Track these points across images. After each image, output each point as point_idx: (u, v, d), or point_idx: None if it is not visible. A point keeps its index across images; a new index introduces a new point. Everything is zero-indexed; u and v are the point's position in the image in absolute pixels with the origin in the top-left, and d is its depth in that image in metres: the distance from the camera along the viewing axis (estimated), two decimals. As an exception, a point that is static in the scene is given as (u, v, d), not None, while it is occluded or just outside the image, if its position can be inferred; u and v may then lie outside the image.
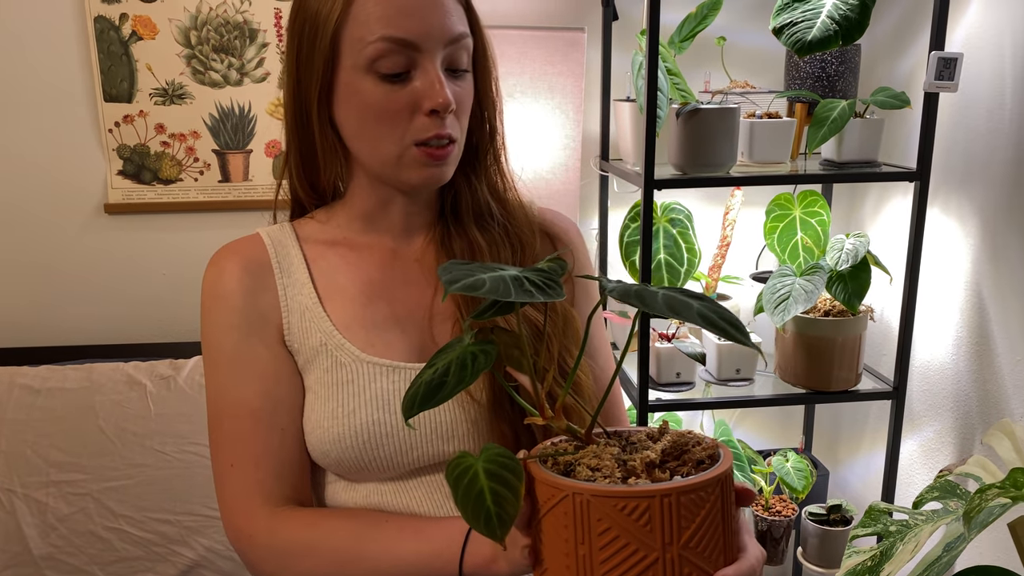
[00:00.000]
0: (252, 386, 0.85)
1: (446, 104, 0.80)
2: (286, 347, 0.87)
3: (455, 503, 0.57)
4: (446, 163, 0.84)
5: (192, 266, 1.86)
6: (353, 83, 0.81)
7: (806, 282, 1.58)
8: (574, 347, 0.87)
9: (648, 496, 0.56)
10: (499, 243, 0.90)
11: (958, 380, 1.62)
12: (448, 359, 0.60)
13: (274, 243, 0.90)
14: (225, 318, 0.87)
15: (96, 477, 1.47)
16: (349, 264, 0.90)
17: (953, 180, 1.60)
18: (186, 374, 1.56)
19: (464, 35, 0.83)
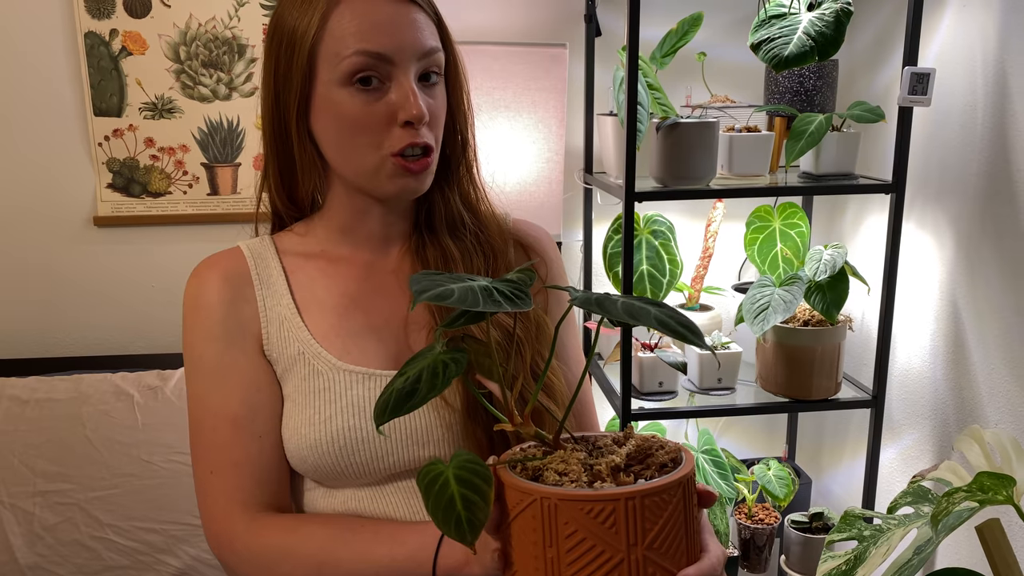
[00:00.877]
0: (232, 394, 0.87)
1: (420, 116, 0.83)
2: (265, 357, 0.89)
3: (426, 510, 0.58)
4: (423, 174, 0.87)
5: (180, 278, 1.86)
6: (330, 96, 0.83)
7: (785, 292, 1.61)
8: (547, 353, 0.89)
9: (613, 499, 0.58)
10: (472, 252, 0.93)
11: (935, 388, 1.64)
12: (419, 367, 0.62)
13: (254, 256, 0.93)
14: (206, 329, 0.89)
15: (83, 487, 1.48)
16: (327, 276, 0.93)
17: (928, 192, 1.64)
18: (173, 384, 1.57)
19: (436, 49, 0.86)
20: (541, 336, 0.90)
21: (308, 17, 0.82)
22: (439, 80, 0.88)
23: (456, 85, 0.92)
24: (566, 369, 0.96)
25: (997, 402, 1.48)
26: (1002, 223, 1.45)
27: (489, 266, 0.93)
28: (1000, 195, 1.45)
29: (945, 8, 1.57)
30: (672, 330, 0.58)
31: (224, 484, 0.86)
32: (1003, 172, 1.45)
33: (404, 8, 0.84)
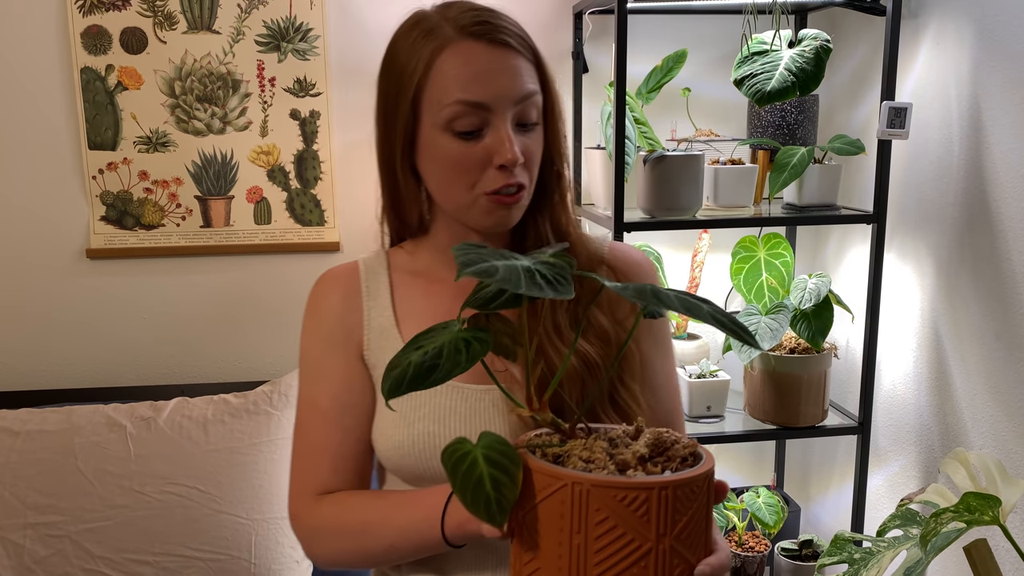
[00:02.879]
0: (325, 390, 0.97)
1: (514, 160, 0.88)
2: (364, 361, 0.98)
3: (453, 488, 0.59)
4: (515, 207, 0.92)
5: (172, 310, 1.89)
6: (432, 139, 0.90)
7: (771, 320, 1.64)
8: (632, 382, 0.92)
9: (647, 488, 0.59)
10: None
11: (920, 414, 1.67)
12: (439, 342, 0.61)
13: (367, 270, 1.02)
14: (314, 331, 1.01)
15: (74, 519, 1.47)
16: (426, 294, 1.00)
17: (908, 223, 1.68)
18: (166, 415, 1.58)
19: (533, 93, 0.91)
20: (626, 363, 0.92)
21: (415, 60, 0.89)
22: (537, 120, 0.92)
23: (553, 124, 0.96)
24: (650, 396, 0.97)
25: (980, 426, 1.51)
26: (980, 251, 1.49)
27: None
28: (978, 225, 1.50)
29: (920, 45, 1.63)
30: (726, 327, 0.60)
31: (304, 466, 0.96)
32: (980, 203, 1.49)
33: (503, 55, 0.88)
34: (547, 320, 0.93)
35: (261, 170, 1.87)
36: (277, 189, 1.88)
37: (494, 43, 0.88)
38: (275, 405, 1.60)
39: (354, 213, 1.91)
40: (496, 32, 0.88)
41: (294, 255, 1.92)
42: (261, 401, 1.60)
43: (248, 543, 1.48)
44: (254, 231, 1.89)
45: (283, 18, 1.82)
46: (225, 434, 1.55)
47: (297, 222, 1.90)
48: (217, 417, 1.57)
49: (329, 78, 1.85)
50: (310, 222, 1.91)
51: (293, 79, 1.84)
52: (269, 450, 1.56)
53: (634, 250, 1.05)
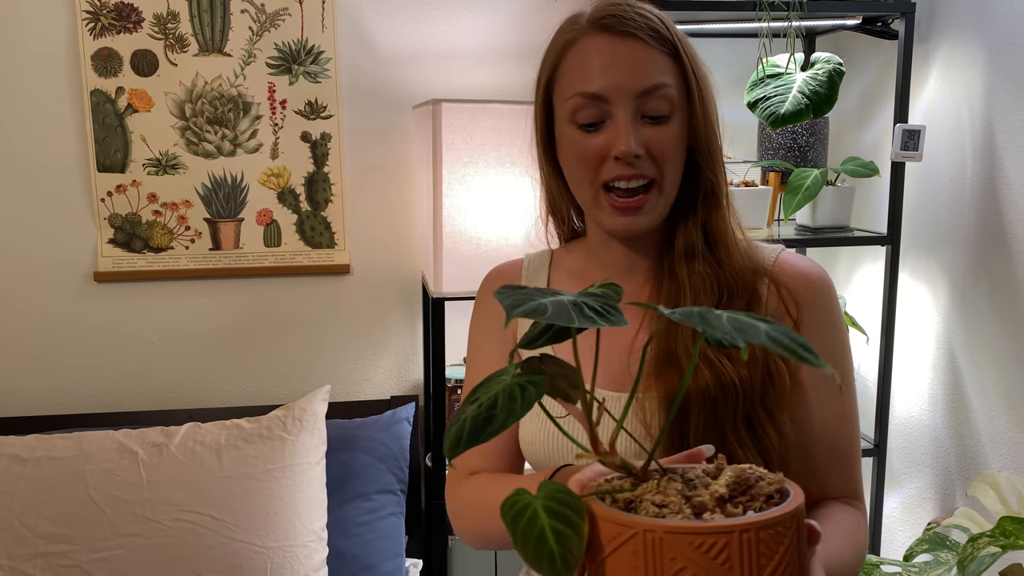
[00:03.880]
0: (477, 376, 0.99)
1: (627, 152, 0.85)
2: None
3: (514, 544, 0.55)
4: (639, 212, 0.88)
5: (181, 334, 1.86)
6: (562, 132, 0.91)
7: (788, 342, 1.64)
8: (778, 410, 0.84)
9: (727, 532, 0.53)
10: (702, 288, 0.89)
11: (936, 436, 1.67)
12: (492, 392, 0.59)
13: (529, 266, 1.04)
14: (478, 322, 1.05)
15: (86, 548, 1.44)
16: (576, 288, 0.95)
17: (921, 244, 1.69)
18: (179, 441, 1.55)
19: (660, 85, 0.87)
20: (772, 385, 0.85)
21: (550, 55, 0.92)
22: (669, 114, 0.88)
23: (698, 119, 0.90)
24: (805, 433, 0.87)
25: (999, 448, 1.50)
26: (996, 273, 1.50)
27: (721, 305, 0.88)
28: (993, 245, 1.50)
29: (930, 68, 1.65)
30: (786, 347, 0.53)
31: None
32: (995, 224, 1.50)
33: (627, 46, 0.86)
34: (687, 334, 0.87)
35: (271, 192, 1.86)
36: (287, 211, 1.87)
37: (619, 35, 0.87)
38: (289, 430, 1.58)
39: (365, 235, 1.90)
40: (622, 24, 0.87)
41: (304, 278, 1.90)
42: (275, 426, 1.58)
43: (264, 571, 1.45)
44: (264, 254, 1.88)
45: (295, 40, 1.82)
46: (239, 460, 1.53)
47: (307, 244, 1.89)
48: (231, 442, 1.55)
49: (340, 100, 1.85)
50: (320, 244, 1.89)
51: (304, 101, 1.84)
52: (284, 476, 1.53)
53: (807, 261, 0.94)
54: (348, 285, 1.91)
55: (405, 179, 1.90)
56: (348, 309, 1.92)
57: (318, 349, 1.92)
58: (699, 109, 0.90)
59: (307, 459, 1.57)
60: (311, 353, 1.91)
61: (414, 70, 1.86)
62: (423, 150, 1.75)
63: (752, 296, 0.89)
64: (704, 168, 0.91)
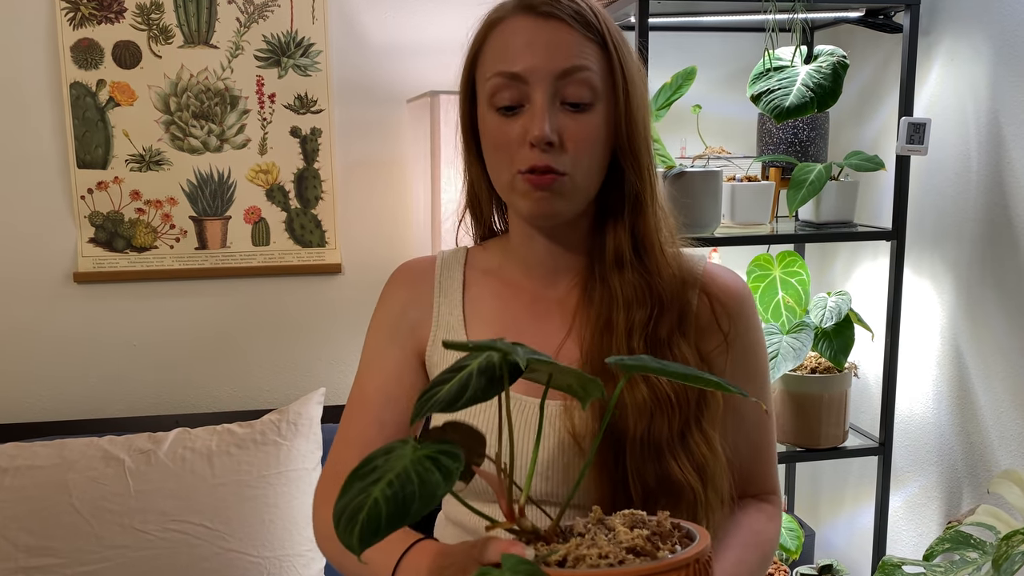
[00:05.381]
0: (372, 380, 0.94)
1: (540, 137, 0.81)
2: (422, 361, 0.96)
3: None
4: (553, 194, 0.84)
5: (167, 336, 1.80)
6: (483, 117, 0.88)
7: (793, 340, 1.61)
8: (710, 428, 0.84)
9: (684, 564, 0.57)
10: (635, 298, 0.86)
11: (941, 434, 1.65)
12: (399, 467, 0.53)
13: (443, 265, 0.98)
14: (379, 319, 0.98)
15: (70, 561, 1.37)
16: (496, 296, 0.95)
17: (925, 239, 1.67)
18: (167, 447, 1.48)
19: (579, 68, 0.83)
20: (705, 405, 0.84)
21: (473, 40, 0.89)
22: (591, 102, 0.84)
23: (621, 114, 0.85)
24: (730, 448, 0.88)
25: (1008, 445, 1.49)
26: (1002, 267, 1.48)
27: (652, 317, 0.86)
28: (1000, 240, 1.49)
29: (932, 61, 1.63)
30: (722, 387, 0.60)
31: (335, 456, 0.93)
32: (1002, 218, 1.48)
33: (549, 27, 0.83)
34: (622, 346, 0.85)
35: (259, 189, 1.80)
36: (276, 209, 1.81)
37: (543, 16, 0.84)
38: (284, 435, 1.52)
39: (356, 234, 1.85)
40: (547, 5, 0.83)
41: (294, 278, 1.84)
42: (269, 431, 1.52)
43: (260, 583, 1.40)
44: (252, 253, 1.82)
45: (284, 32, 1.76)
46: (232, 467, 1.47)
47: (297, 243, 1.83)
48: (222, 448, 1.49)
49: (331, 94, 1.79)
50: (310, 243, 1.84)
51: (294, 95, 1.78)
52: (279, 483, 1.48)
53: (731, 275, 0.94)
54: (340, 285, 1.86)
55: (398, 175, 1.85)
56: (340, 310, 1.86)
57: (311, 351, 1.86)
58: (623, 103, 0.85)
59: (303, 465, 1.51)
60: (303, 355, 1.85)
61: (407, 63, 1.81)
62: (418, 145, 1.70)
63: (684, 307, 0.88)
64: (628, 171, 0.87)
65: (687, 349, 0.86)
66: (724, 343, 0.89)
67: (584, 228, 0.91)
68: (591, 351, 0.87)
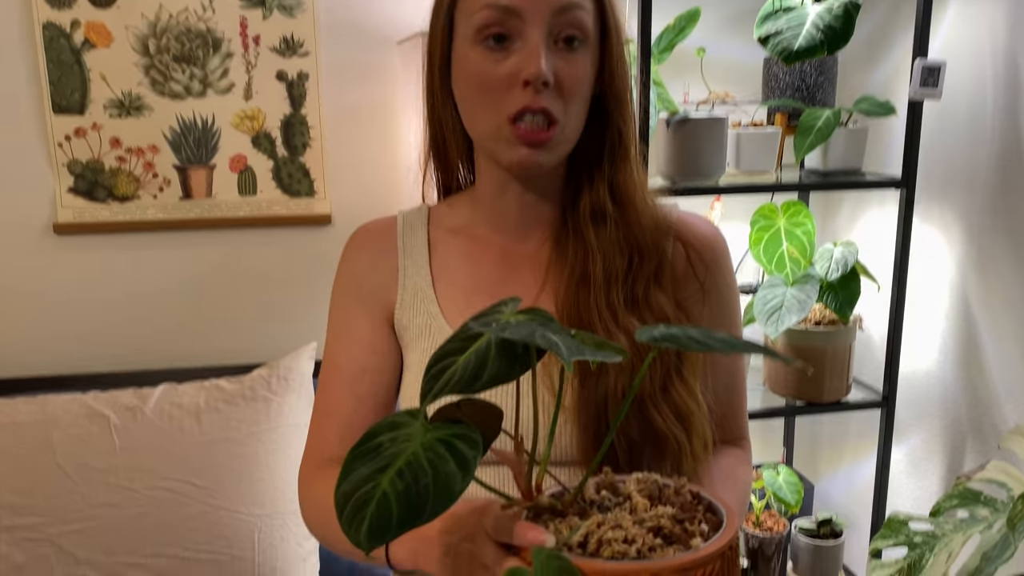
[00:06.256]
0: (344, 350, 0.90)
1: (537, 74, 0.76)
2: (392, 325, 0.91)
3: None
4: (543, 149, 0.80)
5: (152, 289, 1.74)
6: (463, 54, 0.81)
7: (798, 292, 1.57)
8: (691, 377, 0.82)
9: (719, 555, 0.54)
10: (613, 250, 0.84)
11: (945, 388, 1.62)
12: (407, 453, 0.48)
13: (405, 225, 0.93)
14: (342, 285, 0.93)
15: (55, 520, 1.33)
16: (464, 254, 0.90)
17: (934, 188, 1.61)
18: (153, 404, 1.44)
19: (574, 6, 0.78)
20: (686, 354, 0.82)
21: None
22: (584, 46, 0.80)
23: (611, 57, 0.83)
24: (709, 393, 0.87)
25: (1016, 400, 1.45)
26: (1016, 217, 1.43)
27: (632, 268, 0.84)
28: (1014, 188, 1.43)
29: (948, 2, 1.56)
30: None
31: (315, 430, 0.91)
32: (1017, 165, 1.43)
33: None
34: (600, 299, 0.83)
35: (245, 136, 1.73)
36: (263, 157, 1.74)
37: None
38: (274, 390, 1.48)
39: (346, 183, 1.78)
40: None
41: (282, 229, 1.78)
42: (258, 386, 1.48)
43: (251, 541, 1.36)
44: (238, 203, 1.75)
45: (267, -30, 1.67)
46: (221, 423, 1.42)
47: (285, 192, 1.77)
48: (211, 405, 1.44)
49: (319, 37, 1.71)
50: (299, 193, 1.77)
51: (279, 38, 1.70)
52: (270, 439, 1.44)
53: (705, 223, 0.93)
54: (330, 236, 1.80)
55: (389, 121, 1.78)
56: (331, 262, 1.77)
57: (300, 305, 1.80)
58: (614, 48, 0.83)
59: (294, 420, 1.47)
60: (293, 309, 1.80)
61: (397, 3, 1.72)
62: (409, 89, 1.62)
63: (661, 257, 0.86)
64: (614, 115, 0.85)
65: (664, 300, 0.84)
66: (700, 291, 0.87)
67: (559, 178, 0.88)
68: (567, 305, 0.84)
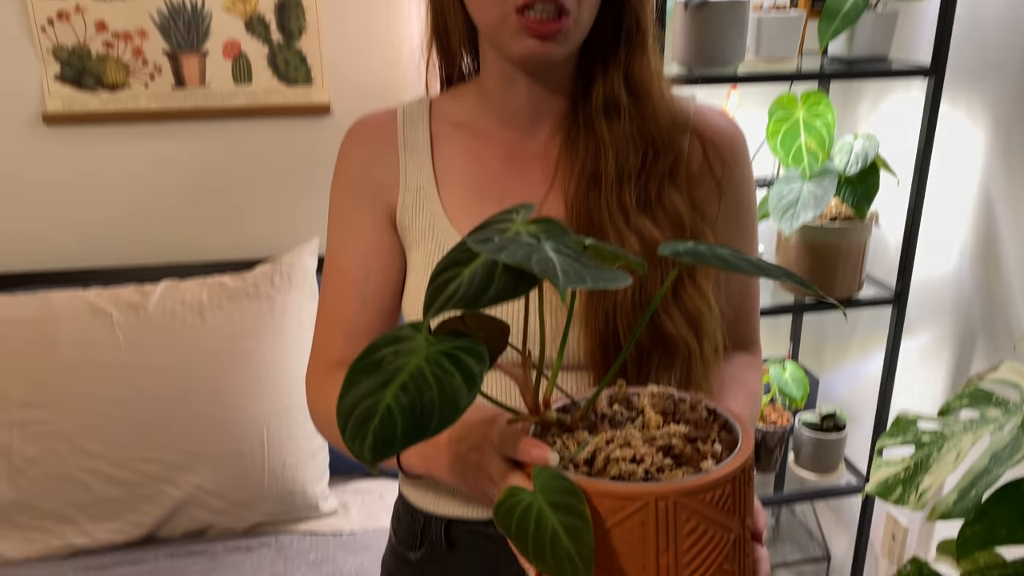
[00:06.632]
0: (348, 251, 0.86)
1: None
2: (394, 224, 0.87)
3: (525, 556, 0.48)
4: (553, 41, 0.74)
5: (147, 182, 1.69)
6: None
7: (815, 187, 1.52)
8: (704, 280, 0.78)
9: (731, 479, 0.52)
10: (627, 146, 0.79)
11: (960, 284, 1.59)
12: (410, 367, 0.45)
13: (406, 119, 0.87)
14: (342, 184, 0.88)
15: (65, 415, 1.34)
16: (469, 151, 0.85)
17: (964, 76, 1.53)
18: (156, 300, 1.42)
19: None
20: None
21: None
22: None
23: None
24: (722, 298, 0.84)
25: (1033, 298, 1.43)
26: (1051, 109, 1.37)
27: (646, 165, 0.79)
28: (1052, 78, 1.36)
29: None
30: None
31: (320, 334, 0.88)
32: (1055, 53, 1.35)
33: None
34: (611, 198, 0.78)
35: (238, 20, 1.64)
36: (257, 43, 1.66)
37: None
38: (277, 287, 1.46)
39: (345, 70, 1.70)
40: None
41: (280, 120, 1.72)
42: (261, 283, 1.45)
43: (260, 437, 1.37)
44: (233, 92, 1.68)
45: None
46: (224, 321, 1.41)
47: (281, 80, 1.69)
48: (214, 302, 1.42)
49: (312, -91, 1.60)
50: (296, 81, 1.69)
51: (270, -90, 1.58)
52: (275, 337, 1.43)
53: (724, 118, 0.87)
54: (329, 127, 1.73)
55: (391, 2, 1.68)
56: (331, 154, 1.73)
57: (301, 199, 1.76)
58: None
59: (298, 318, 1.46)
60: (293, 203, 1.76)
61: None
62: (411, -32, 1.53)
63: (677, 153, 0.81)
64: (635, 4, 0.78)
65: (679, 199, 0.79)
66: (716, 189, 0.83)
67: (570, 68, 0.82)
68: (577, 205, 0.80)
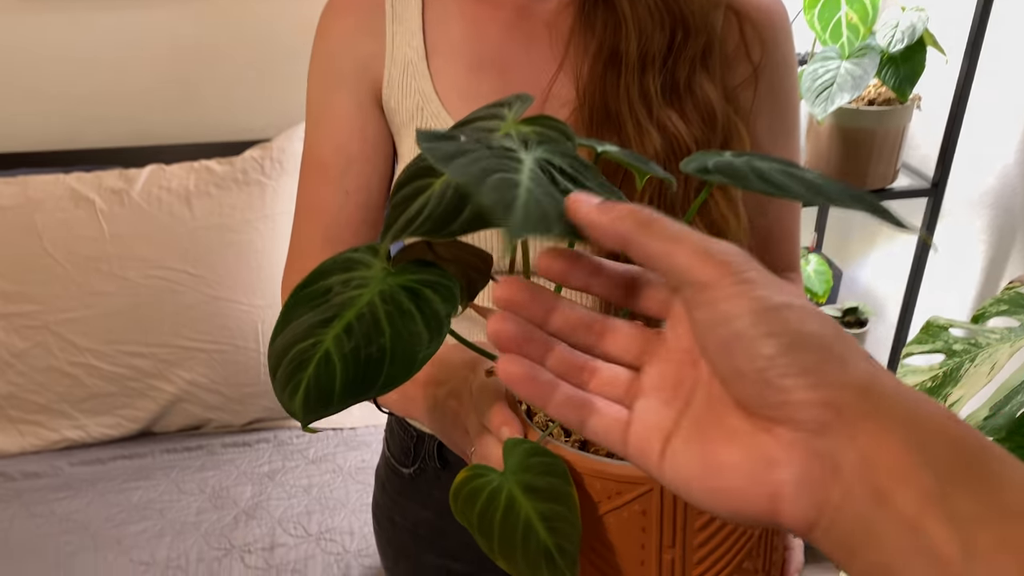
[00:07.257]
0: (327, 139, 0.77)
1: None
2: (380, 105, 0.77)
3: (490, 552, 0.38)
4: None
5: (128, 55, 1.57)
6: None
7: (854, 66, 1.38)
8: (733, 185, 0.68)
9: None
10: (652, 23, 0.67)
11: (1005, 174, 1.47)
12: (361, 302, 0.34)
13: None
14: (319, 63, 0.78)
15: (50, 307, 1.29)
16: (466, 18, 0.73)
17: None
18: (140, 187, 1.34)
19: None
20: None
21: None
22: None
23: None
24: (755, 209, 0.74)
25: (1085, 191, 1.32)
26: None
27: (674, 47, 0.67)
28: None
29: None
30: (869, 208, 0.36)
31: (297, 230, 0.81)
32: None
33: None
34: (631, 84, 0.67)
35: None
36: (241, -103, 1.50)
37: None
38: (268, 173, 1.37)
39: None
40: None
41: (269, -14, 1.57)
42: (251, 168, 1.37)
43: (254, 332, 1.32)
44: (217, -46, 1.53)
45: None
46: (213, 209, 1.33)
47: (270, -58, 1.54)
48: (201, 189, 1.34)
49: None
50: (286, -58, 1.54)
51: None
52: (266, 227, 1.35)
53: None
54: None
55: None
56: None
57: (293, 78, 1.62)
58: None
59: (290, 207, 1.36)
60: (285, 82, 1.63)
61: None
62: None
63: (710, 33, 0.69)
64: None
65: (711, 88, 0.68)
66: (753, 75, 0.72)
67: None
68: (590, 90, 0.68)
